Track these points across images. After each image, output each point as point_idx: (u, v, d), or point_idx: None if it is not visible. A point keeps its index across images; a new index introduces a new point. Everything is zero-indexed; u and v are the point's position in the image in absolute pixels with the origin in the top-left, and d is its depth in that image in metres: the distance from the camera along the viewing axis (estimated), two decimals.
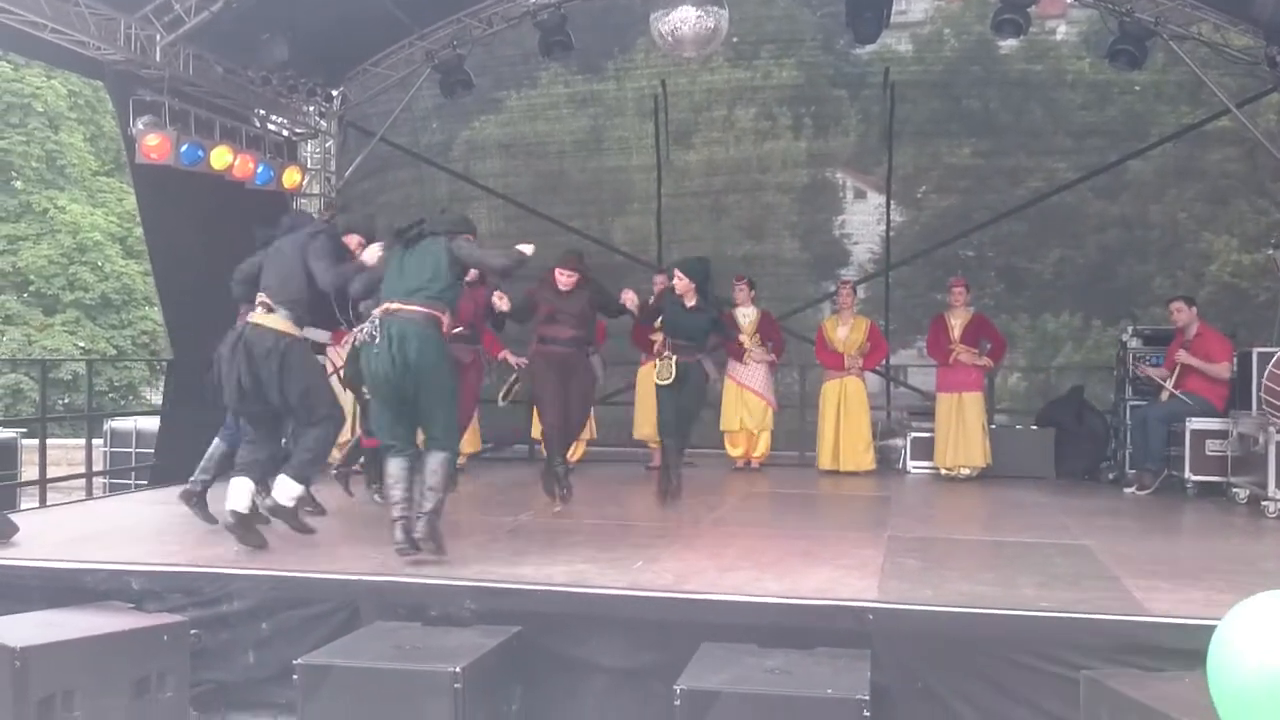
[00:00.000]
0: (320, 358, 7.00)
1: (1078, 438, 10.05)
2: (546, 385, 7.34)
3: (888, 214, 12.10)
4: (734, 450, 10.20)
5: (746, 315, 10.05)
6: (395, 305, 5.63)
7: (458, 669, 4.27)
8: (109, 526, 6.85)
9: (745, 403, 10.01)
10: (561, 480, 7.47)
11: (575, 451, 9.81)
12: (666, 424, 7.71)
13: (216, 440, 6.75)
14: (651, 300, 8.22)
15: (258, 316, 5.91)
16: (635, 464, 10.09)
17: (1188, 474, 8.45)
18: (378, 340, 5.55)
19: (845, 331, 9.97)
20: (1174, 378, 8.74)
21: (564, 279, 7.40)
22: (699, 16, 7.41)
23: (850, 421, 9.86)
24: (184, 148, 8.47)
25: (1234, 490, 8.12)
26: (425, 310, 5.64)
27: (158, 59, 8.38)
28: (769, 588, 5.09)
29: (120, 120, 8.87)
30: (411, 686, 4.33)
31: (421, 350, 5.54)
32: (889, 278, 12.08)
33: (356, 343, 5.97)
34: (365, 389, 6.30)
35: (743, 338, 9.95)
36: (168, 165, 8.41)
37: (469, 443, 9.63)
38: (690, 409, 7.81)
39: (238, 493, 5.84)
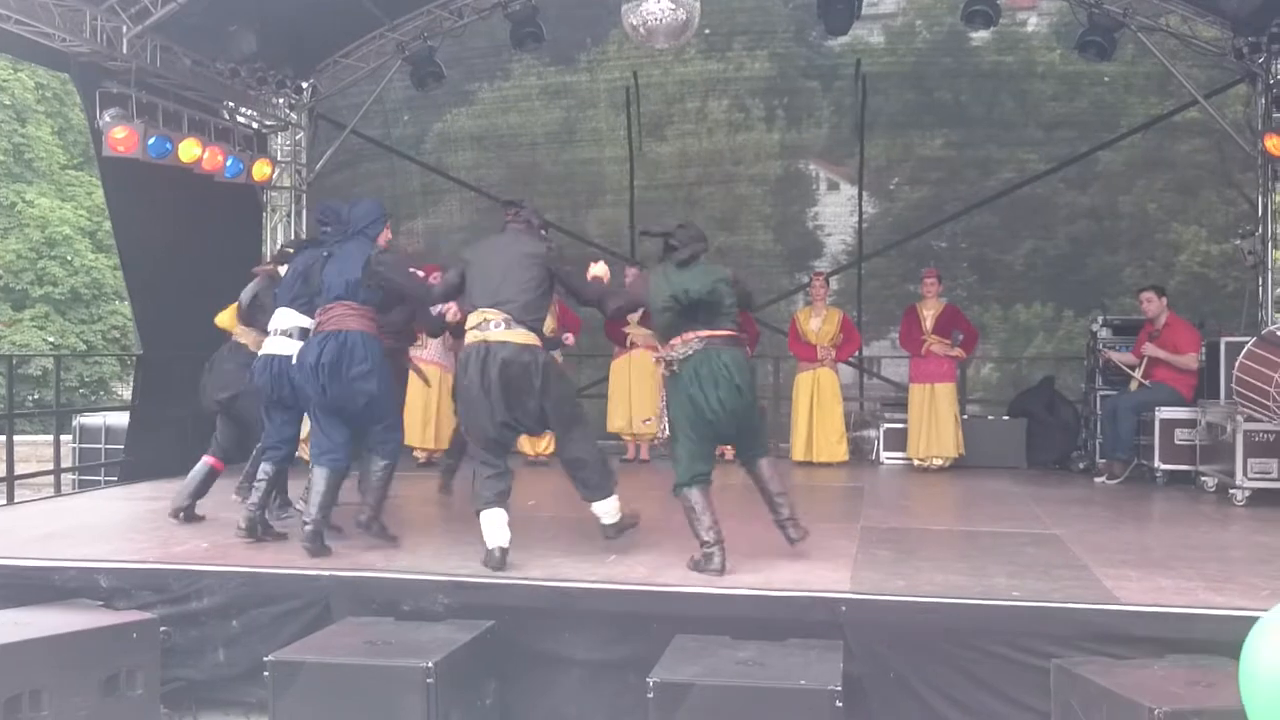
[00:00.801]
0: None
1: (1049, 428, 10.12)
2: None
3: (859, 206, 12.14)
4: None
5: None
6: (707, 332, 5.34)
7: (430, 664, 4.26)
8: (78, 523, 6.77)
9: None
10: None
11: (546, 445, 9.81)
12: None
13: (266, 465, 6.09)
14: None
15: (500, 334, 5.37)
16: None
17: (1157, 463, 8.52)
18: (710, 370, 5.27)
19: (818, 323, 9.99)
20: (1143, 367, 8.82)
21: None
22: (670, 8, 7.38)
23: (823, 413, 9.89)
24: (152, 140, 8.39)
25: (1203, 479, 8.19)
26: (736, 334, 5.49)
27: (124, 51, 8.28)
28: (742, 580, 5.10)
29: (87, 113, 8.78)
30: (384, 682, 4.31)
31: (749, 377, 5.44)
32: (861, 269, 12.12)
33: (677, 367, 5.32)
34: (677, 418, 5.42)
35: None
36: (135, 158, 8.33)
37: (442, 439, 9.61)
38: None
39: (501, 527, 5.35)
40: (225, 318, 7.12)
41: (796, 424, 9.98)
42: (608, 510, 5.64)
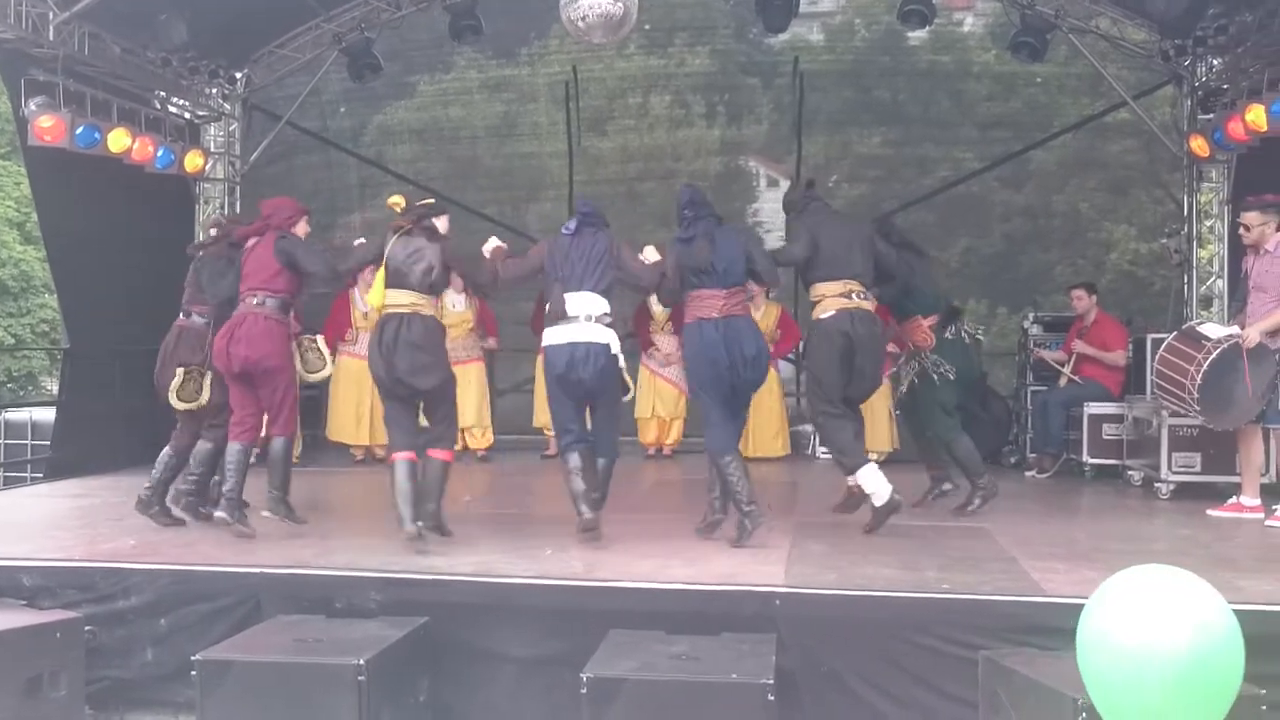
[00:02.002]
0: None
1: (981, 422, 10.17)
2: None
3: None
4: (646, 437, 10.21)
5: (658, 304, 10.02)
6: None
7: (361, 661, 4.22)
8: (2, 521, 6.61)
9: (658, 390, 10.02)
10: None
11: (484, 439, 9.77)
12: None
13: (574, 458, 5.77)
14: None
15: (857, 303, 6.03)
16: (534, 451, 10.01)
17: (1085, 457, 8.68)
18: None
19: (757, 317, 9.98)
20: (1072, 363, 8.98)
21: None
22: (608, 2, 7.38)
23: (761, 407, 9.90)
24: (79, 130, 8.19)
25: (1129, 473, 8.36)
26: None
27: (51, 37, 8.07)
28: (677, 574, 5.12)
29: (12, 101, 8.55)
30: (314, 680, 4.27)
31: None
32: None
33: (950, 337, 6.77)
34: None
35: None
36: (63, 148, 8.14)
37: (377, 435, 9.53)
38: None
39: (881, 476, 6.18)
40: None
41: None
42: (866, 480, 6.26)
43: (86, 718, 4.89)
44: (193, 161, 9.77)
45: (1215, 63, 9.67)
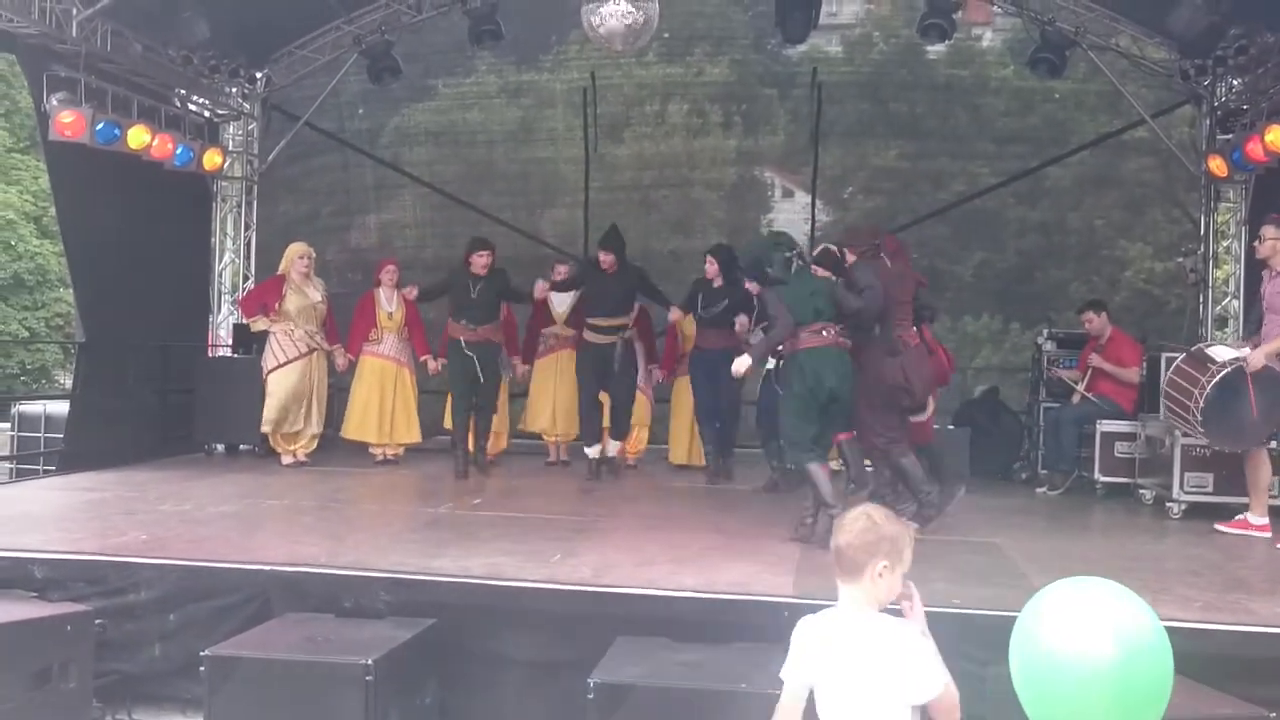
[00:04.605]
0: None
1: (993, 438, 10.19)
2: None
3: (813, 214, 12.21)
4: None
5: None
6: None
7: (369, 661, 4.22)
8: (14, 513, 6.62)
9: None
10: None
11: (497, 443, 9.72)
12: None
13: None
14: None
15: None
16: (542, 456, 9.99)
17: (1097, 475, 8.62)
18: None
19: None
20: (1085, 380, 8.95)
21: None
22: (629, 10, 7.41)
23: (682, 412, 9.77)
24: (99, 126, 8.24)
25: (1141, 491, 8.31)
26: None
27: (73, 34, 8.12)
28: (685, 582, 5.11)
29: (34, 96, 8.61)
30: (322, 679, 4.27)
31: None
32: None
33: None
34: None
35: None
36: (83, 143, 8.19)
37: (406, 433, 9.52)
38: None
39: None
40: None
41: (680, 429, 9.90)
42: None
43: (95, 711, 4.89)
44: (211, 160, 9.82)
45: (1235, 83, 9.66)
